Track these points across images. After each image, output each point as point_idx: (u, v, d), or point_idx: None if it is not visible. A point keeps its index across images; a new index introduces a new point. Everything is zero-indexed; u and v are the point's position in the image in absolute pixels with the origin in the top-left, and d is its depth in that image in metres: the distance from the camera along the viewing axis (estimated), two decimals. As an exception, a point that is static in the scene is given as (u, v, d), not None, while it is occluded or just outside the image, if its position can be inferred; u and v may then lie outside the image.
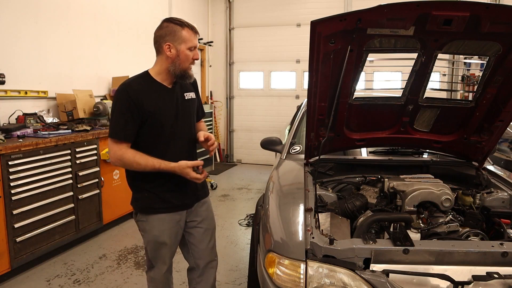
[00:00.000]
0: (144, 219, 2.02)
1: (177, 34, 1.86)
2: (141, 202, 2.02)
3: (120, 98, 1.87)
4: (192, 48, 1.89)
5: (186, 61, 1.90)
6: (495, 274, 1.46)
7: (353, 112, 2.30)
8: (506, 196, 2.18)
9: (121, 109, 1.86)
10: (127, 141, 1.88)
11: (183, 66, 1.90)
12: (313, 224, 1.71)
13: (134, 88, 1.86)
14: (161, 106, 1.91)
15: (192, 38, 1.89)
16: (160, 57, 1.92)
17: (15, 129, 3.41)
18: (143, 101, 1.85)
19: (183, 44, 1.86)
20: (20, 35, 3.79)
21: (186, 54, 1.88)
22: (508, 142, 4.01)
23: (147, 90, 1.88)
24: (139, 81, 1.91)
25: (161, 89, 1.93)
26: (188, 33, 1.87)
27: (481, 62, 6.07)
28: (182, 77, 1.93)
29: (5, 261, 3.04)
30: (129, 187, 2.07)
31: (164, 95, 1.93)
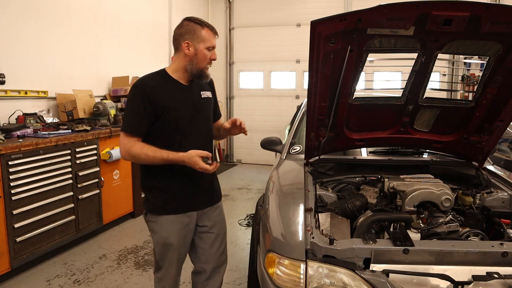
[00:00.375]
0: (153, 220, 2.00)
1: (196, 33, 1.87)
2: (151, 203, 2.01)
3: (135, 93, 1.89)
4: (210, 48, 1.91)
5: (204, 61, 1.91)
6: (495, 274, 1.46)
7: (353, 112, 2.30)
8: (506, 196, 2.18)
9: (135, 104, 1.87)
10: (139, 135, 1.88)
11: (200, 65, 1.91)
12: (313, 224, 1.71)
13: (150, 84, 1.88)
14: (176, 103, 1.91)
15: (211, 38, 1.91)
16: (178, 55, 1.94)
17: (15, 129, 3.41)
18: (158, 97, 1.86)
19: (202, 43, 1.88)
20: (20, 35, 3.79)
21: (204, 54, 1.90)
22: (508, 142, 4.01)
23: (162, 86, 1.90)
24: (155, 78, 1.93)
25: (177, 86, 1.94)
26: (207, 33, 1.89)
27: (481, 62, 6.07)
28: (199, 76, 1.95)
29: (5, 261, 3.04)
30: (141, 188, 2.08)
31: (179, 92, 1.94)
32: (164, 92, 1.89)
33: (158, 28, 6.29)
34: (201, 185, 2.05)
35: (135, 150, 1.85)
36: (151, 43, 6.08)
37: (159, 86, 1.89)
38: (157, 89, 1.87)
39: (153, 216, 2.01)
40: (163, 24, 6.44)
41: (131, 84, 4.95)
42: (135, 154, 1.86)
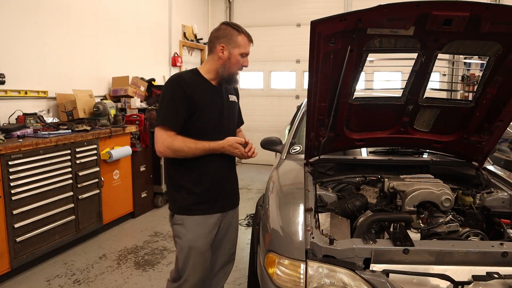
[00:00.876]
0: (180, 222, 1.98)
1: (232, 38, 1.92)
2: (179, 203, 1.99)
3: (172, 87, 1.90)
4: (244, 55, 1.95)
5: (236, 66, 1.95)
6: (495, 274, 1.46)
7: (353, 112, 2.30)
8: (506, 196, 2.18)
9: (173, 98, 1.88)
10: (176, 130, 1.88)
11: (231, 70, 1.95)
12: (313, 224, 1.70)
13: (187, 80, 1.91)
14: (208, 102, 1.95)
15: (246, 45, 1.95)
16: (211, 57, 1.97)
17: (15, 129, 3.41)
18: (193, 93, 1.88)
19: (237, 48, 1.92)
20: (20, 35, 3.79)
21: (237, 59, 1.94)
22: (508, 142, 4.01)
23: (197, 84, 1.93)
24: (190, 75, 1.96)
25: (209, 86, 1.98)
26: (243, 40, 1.93)
27: (481, 62, 6.07)
28: (228, 80, 2.00)
29: (5, 261, 3.04)
30: (167, 190, 2.07)
31: (211, 92, 1.98)
32: (198, 89, 1.92)
33: (158, 28, 6.28)
34: (227, 187, 2.08)
35: (178, 144, 1.85)
36: (151, 43, 6.08)
37: (194, 83, 1.92)
38: (192, 85, 1.90)
39: (180, 217, 1.98)
40: (163, 24, 6.44)
41: (131, 84, 4.96)
42: (178, 148, 1.85)
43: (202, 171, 1.96)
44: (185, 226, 1.97)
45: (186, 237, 1.96)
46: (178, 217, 1.99)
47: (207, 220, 1.99)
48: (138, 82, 5.08)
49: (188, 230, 1.96)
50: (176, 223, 1.99)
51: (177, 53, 6.76)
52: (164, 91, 1.93)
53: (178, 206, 1.99)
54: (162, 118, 1.89)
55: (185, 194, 1.97)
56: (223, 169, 2.06)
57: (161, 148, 1.88)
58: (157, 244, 3.91)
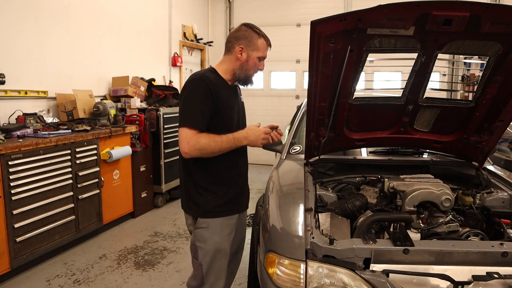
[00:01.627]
0: (205, 225, 1.93)
1: (252, 41, 1.92)
2: (202, 207, 1.94)
3: (197, 86, 1.84)
4: (261, 58, 1.96)
5: (253, 68, 1.97)
6: (495, 274, 1.46)
7: (353, 112, 2.30)
8: (506, 196, 2.18)
9: (198, 97, 1.83)
10: (203, 129, 1.82)
11: (248, 72, 1.97)
12: (313, 224, 1.70)
13: (211, 79, 1.88)
14: (230, 102, 1.96)
15: (265, 49, 1.96)
16: (229, 57, 1.97)
17: (15, 129, 3.41)
18: (217, 93, 1.86)
19: (256, 51, 1.93)
20: (20, 35, 3.80)
21: (255, 62, 1.95)
22: (508, 142, 4.01)
23: (218, 84, 1.91)
24: (211, 75, 1.93)
25: (227, 85, 1.98)
26: (263, 43, 1.94)
27: (481, 62, 6.07)
28: (244, 81, 2.00)
29: (5, 261, 3.04)
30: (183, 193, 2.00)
31: (230, 92, 1.99)
32: (220, 89, 1.90)
33: (158, 28, 6.28)
34: (243, 187, 2.09)
35: (203, 141, 1.78)
36: (151, 43, 6.08)
37: (216, 82, 1.90)
38: (216, 85, 1.89)
39: (204, 221, 1.93)
40: (163, 24, 6.44)
41: (131, 84, 4.96)
42: (204, 145, 1.78)
43: (224, 172, 1.95)
44: (209, 229, 1.93)
45: (212, 239, 1.93)
46: (202, 221, 1.94)
47: (229, 221, 1.98)
48: (138, 82, 5.08)
49: (213, 233, 1.93)
50: (200, 226, 1.94)
51: (177, 53, 6.76)
52: (188, 90, 1.86)
53: (203, 209, 1.94)
54: (186, 118, 1.81)
55: (208, 197, 1.93)
56: (243, 169, 2.08)
57: (186, 148, 1.79)
58: (157, 244, 3.91)
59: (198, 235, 1.96)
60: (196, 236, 1.97)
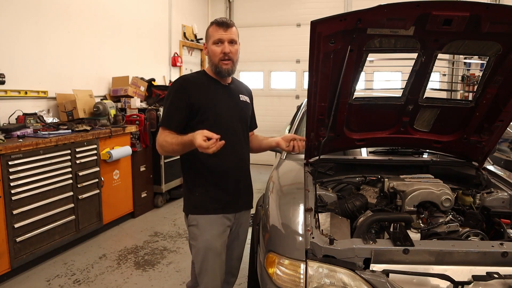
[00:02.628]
0: (194, 223, 1.95)
1: (207, 33, 1.95)
2: (193, 202, 1.98)
3: (172, 87, 1.94)
4: (217, 42, 1.90)
5: (214, 56, 1.92)
6: (495, 274, 1.46)
7: (353, 112, 2.30)
8: (506, 196, 2.18)
9: (172, 98, 1.90)
10: (172, 129, 1.87)
11: (214, 61, 1.93)
12: (313, 224, 1.70)
13: (189, 79, 1.95)
14: (215, 101, 1.94)
15: (215, 32, 1.90)
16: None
17: (15, 129, 3.41)
18: (195, 91, 1.89)
19: (210, 40, 1.92)
20: (20, 35, 3.80)
21: (212, 49, 1.91)
22: (508, 142, 4.01)
23: (201, 83, 1.94)
24: (195, 75, 2.01)
25: (217, 85, 1.98)
26: (213, 29, 1.92)
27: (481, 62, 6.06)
28: (218, 72, 1.95)
29: (5, 261, 3.04)
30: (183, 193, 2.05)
31: (218, 90, 1.98)
32: (202, 89, 1.92)
33: (158, 28, 6.28)
34: (241, 186, 2.05)
35: (161, 140, 1.85)
36: (151, 43, 6.08)
37: (196, 82, 1.94)
38: (195, 84, 1.92)
39: (193, 217, 1.95)
40: (163, 24, 6.44)
41: (131, 84, 4.96)
42: (161, 143, 1.85)
43: (216, 170, 1.95)
44: (200, 226, 1.94)
45: (202, 237, 1.93)
46: (192, 218, 1.96)
47: (221, 220, 1.96)
48: (138, 82, 5.08)
49: (202, 230, 1.93)
50: (191, 224, 1.97)
51: (177, 53, 6.76)
52: (167, 91, 1.97)
53: (192, 205, 1.98)
54: (161, 118, 1.93)
55: (197, 193, 1.96)
56: (238, 169, 2.03)
57: (156, 146, 1.92)
58: (157, 244, 3.91)
59: (190, 233, 2.00)
60: (189, 234, 2.02)
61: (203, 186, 1.96)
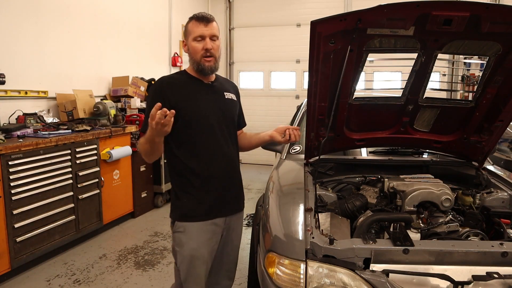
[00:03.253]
0: (181, 230, 1.86)
1: (186, 29, 1.86)
2: (180, 209, 1.88)
3: (151, 91, 1.94)
4: (198, 38, 1.81)
5: (196, 53, 1.82)
6: (495, 274, 1.46)
7: (353, 112, 2.30)
8: (506, 196, 2.18)
9: (149, 101, 1.86)
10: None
11: (195, 59, 1.84)
12: (313, 224, 1.70)
13: (167, 80, 1.89)
14: (196, 100, 1.85)
15: (196, 27, 1.80)
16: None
17: (15, 129, 3.41)
18: (173, 93, 1.82)
19: (190, 36, 1.83)
20: (20, 35, 3.80)
21: (193, 46, 1.82)
22: (508, 142, 4.01)
23: (181, 84, 1.87)
24: (174, 76, 1.94)
25: (198, 84, 1.90)
26: (192, 24, 1.82)
27: (481, 62, 6.07)
28: (200, 70, 1.86)
29: (5, 261, 3.04)
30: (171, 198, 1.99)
31: (201, 90, 1.89)
32: (182, 89, 1.85)
33: (158, 28, 6.28)
34: (230, 189, 1.97)
35: (138, 146, 1.84)
36: (151, 43, 6.08)
37: (176, 83, 1.87)
38: (174, 85, 1.85)
39: (181, 224, 1.86)
40: (163, 24, 6.44)
41: (131, 84, 4.96)
42: (138, 149, 1.85)
43: (201, 174, 1.85)
44: (186, 233, 1.85)
45: (188, 245, 1.84)
46: (179, 224, 1.87)
47: (209, 226, 1.88)
48: (138, 82, 5.08)
49: (189, 238, 1.84)
50: (177, 230, 1.88)
51: (177, 53, 6.76)
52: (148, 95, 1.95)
53: (179, 211, 1.89)
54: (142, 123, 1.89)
55: (185, 199, 1.87)
56: (225, 171, 1.93)
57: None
58: (157, 244, 3.91)
59: (176, 239, 1.89)
60: (174, 240, 1.91)
61: (190, 191, 1.86)
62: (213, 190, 1.89)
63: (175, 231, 1.90)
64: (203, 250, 1.86)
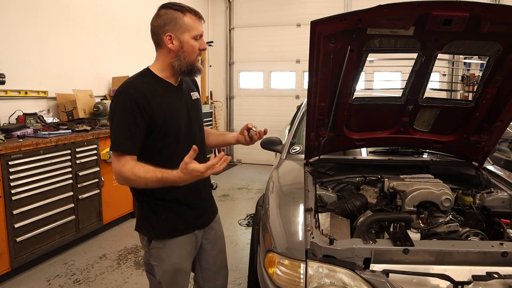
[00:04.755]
0: (160, 245, 1.70)
1: (178, 22, 1.58)
2: (157, 227, 1.70)
3: (122, 102, 1.53)
4: (197, 37, 1.62)
5: (192, 53, 1.62)
6: (495, 274, 1.46)
7: (353, 112, 2.30)
8: (506, 196, 2.18)
9: (124, 115, 1.53)
10: (132, 153, 1.55)
11: (189, 59, 1.62)
12: (313, 224, 1.71)
13: (139, 89, 1.55)
14: (171, 108, 1.63)
15: (197, 24, 1.61)
16: (161, 51, 1.64)
17: (15, 129, 3.42)
18: (151, 102, 1.55)
19: (187, 33, 1.59)
20: (20, 35, 3.80)
21: (191, 45, 1.60)
22: (508, 142, 4.01)
23: (154, 90, 1.59)
24: (143, 81, 1.60)
25: (169, 88, 1.66)
26: (191, 19, 1.59)
27: (481, 62, 6.07)
28: (189, 72, 1.66)
29: (5, 261, 3.05)
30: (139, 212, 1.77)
31: (172, 94, 1.66)
32: (156, 97, 1.58)
33: (158, 28, 6.28)
34: (204, 198, 1.84)
35: (126, 172, 1.51)
36: (151, 43, 6.04)
37: (150, 90, 1.57)
38: (148, 94, 1.55)
39: (159, 242, 1.70)
40: (163, 24, 6.44)
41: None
42: (126, 176, 1.51)
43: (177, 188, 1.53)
44: (167, 249, 1.70)
45: (170, 260, 1.70)
46: (157, 242, 1.70)
47: (190, 238, 1.76)
48: (138, 82, 5.08)
49: (171, 253, 1.70)
50: (155, 247, 1.71)
51: (177, 53, 6.75)
52: (113, 107, 1.57)
53: (157, 230, 1.71)
54: (113, 142, 1.57)
55: (163, 215, 1.69)
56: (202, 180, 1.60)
57: (114, 174, 1.56)
58: (157, 244, 3.91)
59: (154, 254, 1.71)
60: (151, 256, 1.72)
61: (168, 205, 1.69)
62: (192, 201, 1.76)
63: (152, 248, 1.71)
64: (186, 263, 1.77)
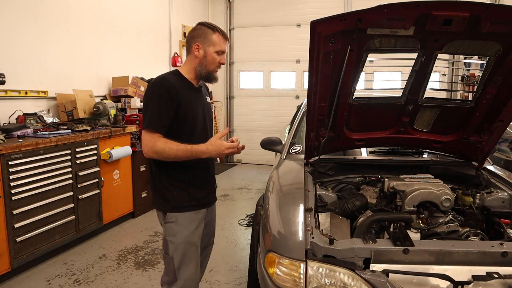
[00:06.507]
0: (173, 220, 2.00)
1: (207, 37, 1.96)
2: (171, 202, 2.01)
3: (157, 89, 1.91)
4: (219, 52, 1.99)
5: (213, 64, 1.99)
6: (495, 274, 1.46)
7: (353, 112, 2.30)
8: (506, 196, 2.19)
9: (157, 100, 1.89)
10: (161, 132, 1.89)
11: (209, 68, 1.99)
12: (313, 224, 1.71)
13: (171, 81, 1.92)
14: (193, 103, 2.00)
15: (221, 43, 1.98)
16: (189, 57, 2.02)
17: (15, 129, 3.41)
18: (179, 94, 1.90)
19: (212, 46, 1.96)
20: (20, 35, 3.80)
21: (213, 57, 1.98)
22: (508, 142, 4.01)
23: (181, 88, 1.95)
24: (172, 77, 1.98)
25: (191, 87, 2.03)
26: (218, 38, 1.97)
27: (481, 62, 6.07)
28: (207, 78, 2.03)
29: (5, 261, 3.04)
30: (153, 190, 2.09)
31: (193, 93, 2.03)
32: (183, 91, 1.94)
33: (158, 28, 6.29)
34: (210, 181, 2.17)
35: (159, 145, 1.86)
36: (151, 43, 6.08)
37: (179, 86, 1.94)
38: (177, 87, 1.92)
39: (173, 215, 2.00)
40: (163, 24, 6.44)
41: (131, 84, 4.96)
42: (159, 149, 1.86)
43: (191, 167, 2.00)
44: (179, 223, 2.00)
45: (182, 233, 2.00)
46: (171, 215, 2.01)
47: (198, 215, 2.06)
48: (138, 82, 5.08)
49: (182, 227, 2.00)
50: (170, 221, 2.01)
51: (177, 53, 6.76)
52: (148, 94, 1.94)
53: (171, 204, 2.01)
54: (146, 121, 1.90)
55: (175, 192, 2.00)
56: (209, 164, 2.15)
57: (145, 149, 1.89)
58: (157, 244, 3.91)
59: (168, 229, 2.02)
60: (166, 230, 2.03)
61: (181, 184, 2.01)
62: (201, 183, 2.09)
63: (167, 222, 2.02)
64: (194, 237, 2.04)
